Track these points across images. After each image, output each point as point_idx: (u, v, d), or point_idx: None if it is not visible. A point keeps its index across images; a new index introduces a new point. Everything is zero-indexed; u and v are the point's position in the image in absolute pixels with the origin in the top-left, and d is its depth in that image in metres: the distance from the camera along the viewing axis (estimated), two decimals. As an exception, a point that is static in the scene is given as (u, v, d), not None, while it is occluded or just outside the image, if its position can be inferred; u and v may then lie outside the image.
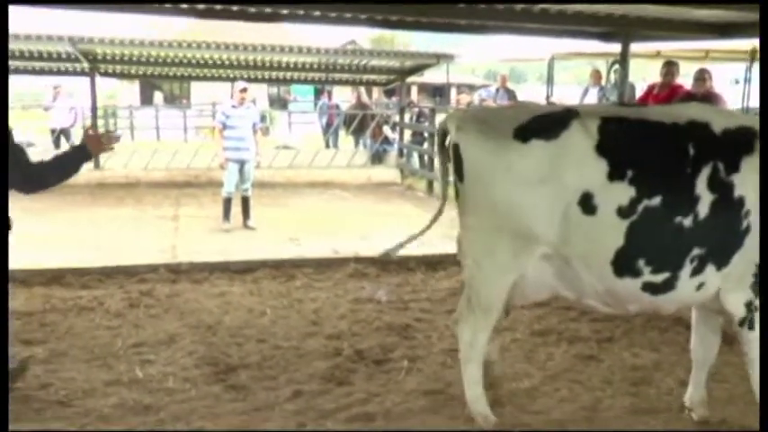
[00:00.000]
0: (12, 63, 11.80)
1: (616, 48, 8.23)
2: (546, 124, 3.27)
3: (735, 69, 15.08)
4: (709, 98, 6.77)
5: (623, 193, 3.17)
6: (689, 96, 6.95)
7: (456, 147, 3.42)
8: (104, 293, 5.81)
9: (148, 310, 5.42)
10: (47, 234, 7.84)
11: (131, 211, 9.94)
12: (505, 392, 4.01)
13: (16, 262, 6.18)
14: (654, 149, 3.22)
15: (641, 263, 3.21)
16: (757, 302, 3.25)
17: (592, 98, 11.64)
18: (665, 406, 3.90)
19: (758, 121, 3.27)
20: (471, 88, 26.29)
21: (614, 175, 3.17)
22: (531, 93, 20.88)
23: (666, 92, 7.39)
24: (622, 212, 3.17)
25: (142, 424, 3.58)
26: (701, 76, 7.12)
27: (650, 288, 3.26)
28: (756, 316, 3.27)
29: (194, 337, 4.79)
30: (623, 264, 3.22)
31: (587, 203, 3.19)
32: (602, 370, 4.38)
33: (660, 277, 3.22)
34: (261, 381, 4.09)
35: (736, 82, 14.81)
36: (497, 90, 15.50)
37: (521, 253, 3.33)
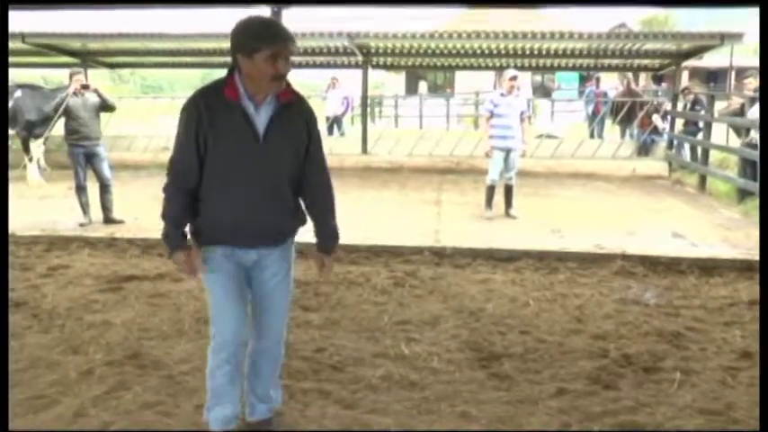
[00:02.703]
0: (293, 58, 12.96)
1: None
2: None
3: None
4: None
5: None
6: None
7: None
8: (371, 270, 6.15)
9: (413, 290, 5.63)
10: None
11: (395, 194, 10.44)
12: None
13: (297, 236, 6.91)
14: None
15: None
16: None
17: None
18: None
19: None
20: (756, 72, 23.51)
21: None
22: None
23: None
24: None
25: (408, 399, 3.72)
26: None
27: None
28: None
29: (457, 321, 4.88)
30: None
31: None
32: None
33: None
34: (524, 373, 4.03)
35: None
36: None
37: None
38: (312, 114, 2.97)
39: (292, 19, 7.69)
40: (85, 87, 7.99)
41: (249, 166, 2.79)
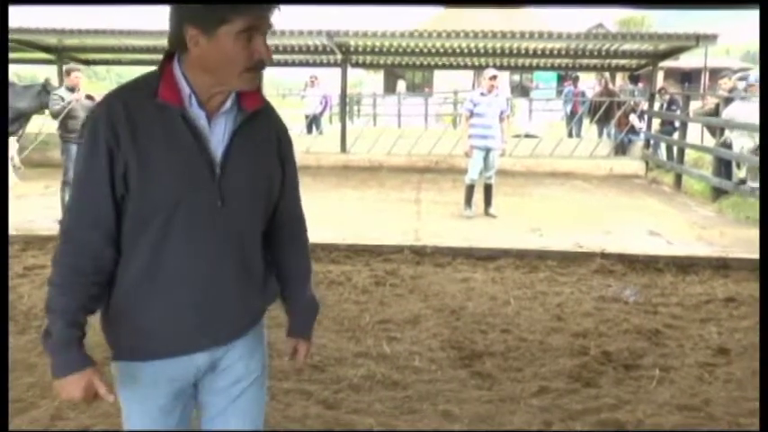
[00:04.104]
0: (275, 57, 12.91)
1: None
2: None
3: None
4: None
5: None
6: None
7: None
8: (352, 269, 6.14)
9: (394, 289, 5.63)
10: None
11: (374, 193, 10.43)
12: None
13: None
14: None
15: None
16: None
17: None
18: None
19: None
20: (730, 72, 23.89)
21: None
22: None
23: None
24: None
25: (390, 398, 3.72)
26: None
27: None
28: None
29: (438, 320, 4.89)
30: None
31: None
32: None
33: None
34: (506, 371, 4.05)
35: None
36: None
37: None
38: (285, 129, 1.89)
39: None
40: (90, 98, 7.88)
41: (200, 217, 1.68)
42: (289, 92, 23.62)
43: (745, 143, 10.52)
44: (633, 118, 13.84)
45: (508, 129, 9.20)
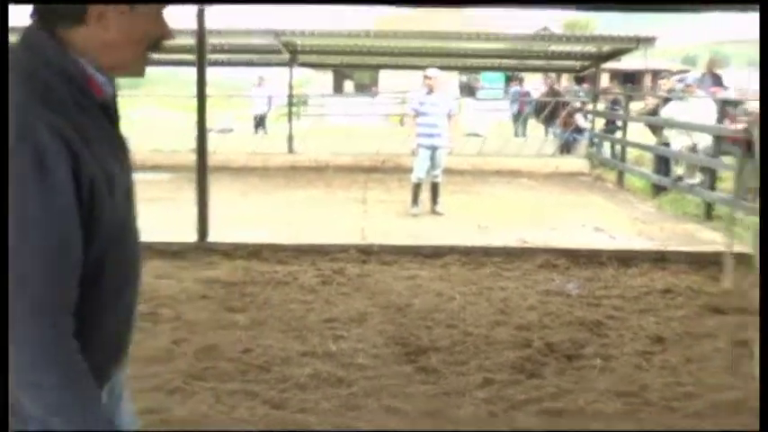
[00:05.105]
0: (218, 56, 12.73)
1: None
2: None
3: None
4: None
5: None
6: None
7: (753, 141, 3.32)
8: (298, 269, 6.10)
9: (340, 287, 5.62)
10: (247, 212, 8.44)
11: (321, 193, 10.39)
12: (706, 404, 3.71)
13: (221, 236, 6.86)
14: None
15: None
16: None
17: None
18: None
19: None
20: (669, 74, 24.64)
21: None
22: (736, 79, 19.08)
23: None
24: None
25: (335, 396, 3.71)
26: None
27: None
28: None
29: (384, 317, 4.90)
30: None
31: None
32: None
33: None
34: (451, 365, 4.08)
35: None
36: (703, 75, 14.34)
37: None
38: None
39: (215, 14, 7.57)
40: None
41: (131, 226, 1.46)
42: (235, 92, 23.33)
43: (683, 141, 10.86)
44: (578, 117, 14.14)
45: (455, 128, 9.28)
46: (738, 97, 12.46)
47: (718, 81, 14.06)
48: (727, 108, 10.93)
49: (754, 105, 10.82)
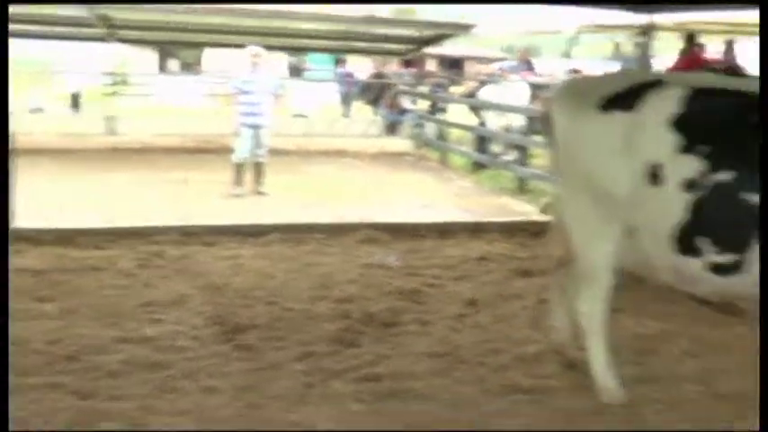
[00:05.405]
0: (25, 27, 11.72)
1: (640, 20, 8.11)
2: (627, 95, 3.32)
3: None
4: (731, 70, 6.65)
5: (691, 166, 3.12)
6: (708, 68, 6.83)
7: (550, 116, 3.60)
8: (115, 254, 5.80)
9: (159, 270, 5.42)
10: (60, 195, 7.88)
11: (144, 174, 9.89)
12: (512, 357, 4.01)
13: (29, 221, 6.35)
14: (730, 122, 3.14)
15: (703, 241, 3.12)
16: None
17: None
18: (668, 374, 3.88)
19: None
20: (488, 61, 26.09)
21: (684, 147, 3.14)
22: (548, 67, 20.64)
23: (684, 63, 7.26)
24: (687, 186, 3.12)
25: (150, 380, 3.58)
26: (726, 48, 7.02)
27: (716, 269, 3.16)
28: None
29: (204, 298, 4.79)
30: (683, 240, 3.16)
31: (654, 174, 3.19)
32: (609, 339, 4.31)
33: (727, 258, 3.11)
34: (269, 341, 4.08)
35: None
36: (517, 63, 15.44)
37: (609, 221, 3.37)
38: None
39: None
40: None
41: None
42: (44, 69, 21.47)
43: (498, 122, 11.58)
44: (403, 100, 14.54)
45: (281, 108, 9.22)
46: (548, 82, 13.42)
47: (530, 67, 15.18)
48: (537, 91, 11.82)
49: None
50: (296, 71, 21.71)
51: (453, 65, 35.12)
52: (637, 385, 3.67)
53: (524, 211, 8.04)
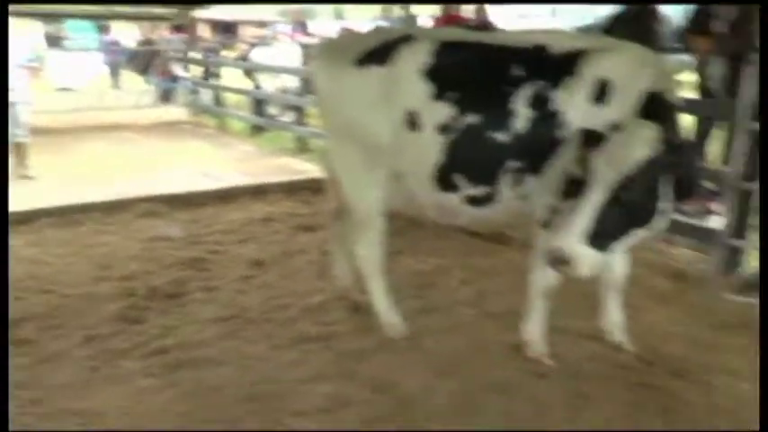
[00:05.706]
0: None
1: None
2: (381, 50, 3.55)
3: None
4: (483, 27, 7.22)
5: (443, 111, 3.39)
6: (463, 25, 7.35)
7: (313, 74, 3.80)
8: None
9: None
10: None
11: None
12: (299, 310, 4.20)
13: None
14: (476, 71, 3.41)
15: (459, 177, 3.43)
16: (559, 206, 3.33)
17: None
18: (446, 302, 4.30)
19: (599, 43, 3.36)
20: (263, 24, 25.81)
21: (436, 95, 3.41)
22: (322, 28, 20.98)
23: (443, 20, 7.75)
24: (441, 130, 3.40)
25: None
26: (478, 8, 7.63)
27: (472, 201, 3.48)
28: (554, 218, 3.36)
29: (-33, 296, 4.43)
30: (442, 178, 3.47)
31: (411, 121, 3.45)
32: (391, 279, 4.43)
33: (479, 190, 3.43)
34: (48, 330, 3.92)
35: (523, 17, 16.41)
36: (292, 25, 15.56)
37: (375, 168, 3.61)
38: None
39: None
40: None
41: None
42: None
43: (274, 84, 11.63)
44: (174, 66, 14.02)
45: (39, 82, 8.48)
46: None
47: (304, 29, 15.34)
48: (309, 51, 11.99)
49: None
50: (54, 40, 19.90)
51: (227, 29, 34.27)
52: (419, 317, 4.03)
53: (305, 169, 8.24)
